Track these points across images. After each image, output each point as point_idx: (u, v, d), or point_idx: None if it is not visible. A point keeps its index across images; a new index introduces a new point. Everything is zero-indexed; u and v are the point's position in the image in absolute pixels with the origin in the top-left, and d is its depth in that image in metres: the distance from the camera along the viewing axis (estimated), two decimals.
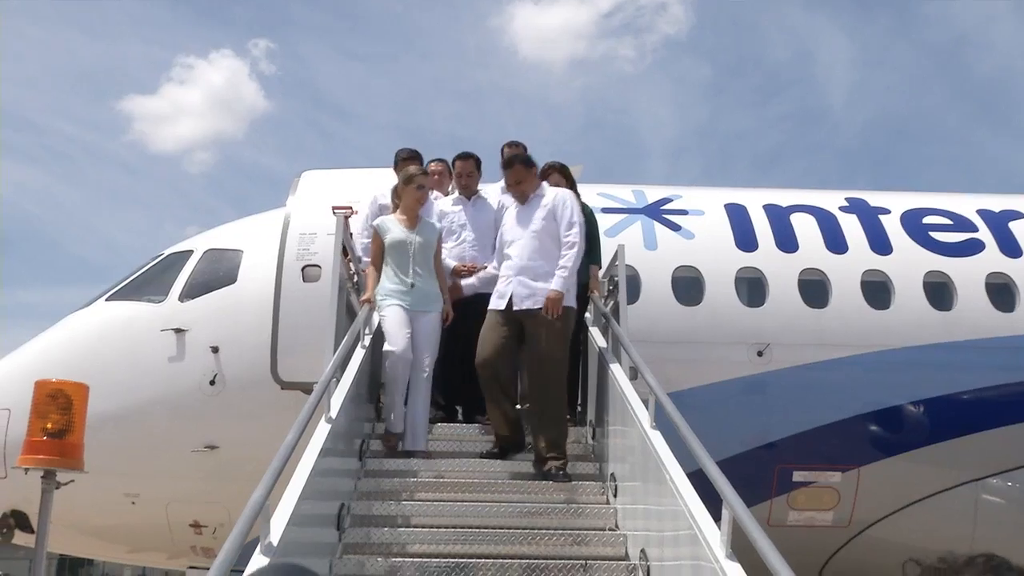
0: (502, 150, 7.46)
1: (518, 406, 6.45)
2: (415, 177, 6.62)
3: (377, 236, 6.59)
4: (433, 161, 7.71)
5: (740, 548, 3.61)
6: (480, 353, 6.18)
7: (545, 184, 6.55)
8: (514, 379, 6.39)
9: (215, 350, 8.19)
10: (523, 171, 6.36)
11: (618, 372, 5.87)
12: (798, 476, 8.09)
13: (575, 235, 6.16)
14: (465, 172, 7.29)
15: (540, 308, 5.97)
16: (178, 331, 8.30)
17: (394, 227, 6.55)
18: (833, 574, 8.66)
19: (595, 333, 6.83)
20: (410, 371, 6.22)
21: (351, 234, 7.74)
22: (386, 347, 6.22)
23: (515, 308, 6.07)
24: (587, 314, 7.01)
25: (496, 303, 6.22)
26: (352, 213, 7.93)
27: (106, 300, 8.78)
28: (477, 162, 7.38)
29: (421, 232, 6.53)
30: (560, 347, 6.06)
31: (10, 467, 7.20)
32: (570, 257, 6.07)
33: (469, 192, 7.25)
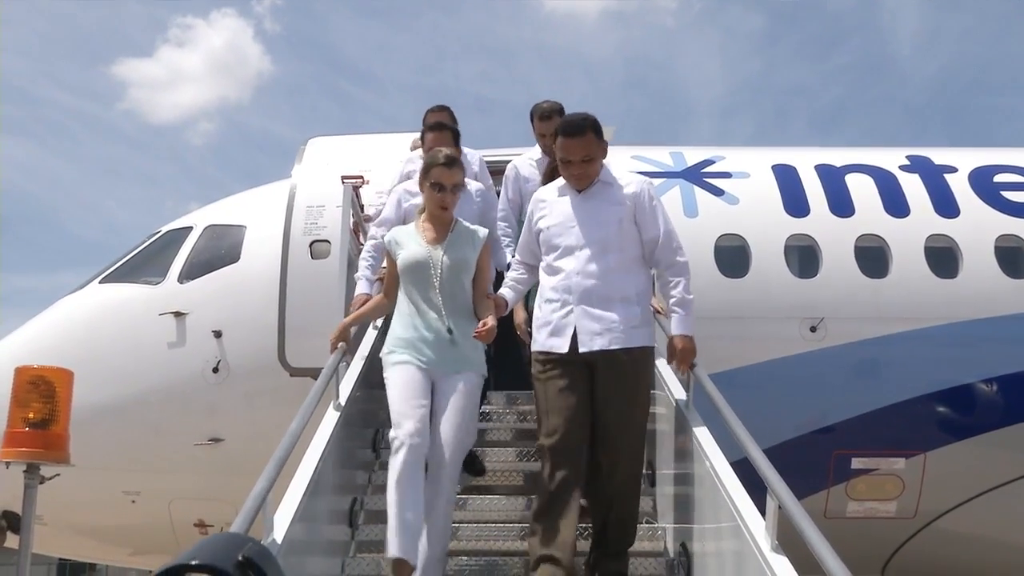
0: (537, 112, 6.35)
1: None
2: (431, 170, 4.86)
3: (389, 255, 4.96)
4: (432, 112, 6.86)
5: (789, 543, 3.56)
6: (549, 428, 4.60)
7: (610, 166, 4.93)
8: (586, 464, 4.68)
9: (218, 335, 8.21)
10: (595, 144, 4.71)
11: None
12: (857, 463, 7.99)
13: (683, 252, 4.78)
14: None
15: (619, 348, 4.56)
16: (178, 315, 8.32)
17: (410, 240, 4.85)
18: (898, 570, 8.59)
19: None
20: (426, 464, 4.52)
21: (362, 206, 7.74)
22: (391, 432, 4.51)
23: (582, 350, 4.58)
24: None
25: (550, 342, 4.68)
26: (363, 183, 7.92)
27: (100, 282, 8.82)
28: (456, 135, 6.16)
29: (452, 247, 4.80)
30: (645, 406, 4.78)
31: None
32: (684, 285, 4.71)
33: None
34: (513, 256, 5.40)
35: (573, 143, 4.66)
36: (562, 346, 4.61)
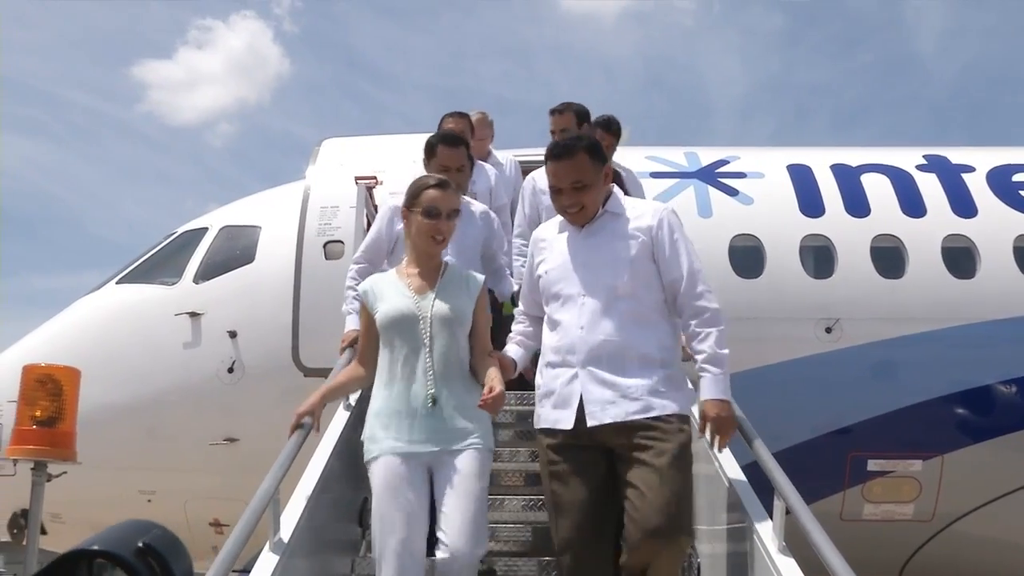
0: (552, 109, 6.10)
1: None
2: (422, 193, 3.95)
3: (364, 311, 4.00)
4: (450, 117, 6.59)
5: (801, 544, 3.53)
6: (560, 539, 3.74)
7: (618, 191, 4.04)
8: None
9: (233, 335, 8.22)
10: (588, 168, 3.79)
11: None
12: (873, 465, 7.92)
13: (712, 297, 3.80)
14: (454, 165, 5.18)
15: (638, 419, 3.64)
16: (193, 315, 8.34)
17: (391, 291, 3.95)
18: (916, 574, 8.52)
19: None
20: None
21: (376, 206, 7.74)
22: (374, 535, 3.73)
23: (590, 423, 3.68)
24: None
25: (552, 417, 3.80)
26: (376, 184, 7.92)
27: (116, 283, 8.86)
28: (468, 152, 5.48)
29: (444, 295, 3.90)
30: (687, 493, 3.65)
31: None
32: (717, 338, 3.75)
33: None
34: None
35: (560, 166, 3.79)
36: (567, 420, 3.72)
